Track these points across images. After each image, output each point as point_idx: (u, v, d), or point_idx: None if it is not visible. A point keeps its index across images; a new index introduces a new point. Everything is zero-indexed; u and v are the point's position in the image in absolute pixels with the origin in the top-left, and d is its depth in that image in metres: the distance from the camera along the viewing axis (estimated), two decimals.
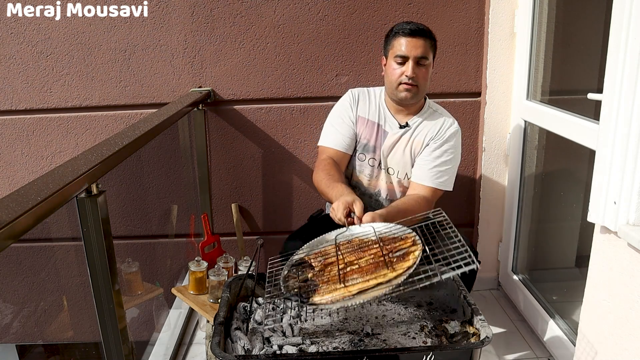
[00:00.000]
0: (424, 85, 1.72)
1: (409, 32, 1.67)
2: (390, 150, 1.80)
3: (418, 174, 1.76)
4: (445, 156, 1.75)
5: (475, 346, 1.24)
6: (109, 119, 2.35)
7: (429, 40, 1.69)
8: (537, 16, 2.07)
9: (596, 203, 1.31)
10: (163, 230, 2.57)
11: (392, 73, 1.71)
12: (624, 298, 1.28)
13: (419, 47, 1.66)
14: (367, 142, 1.81)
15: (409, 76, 1.67)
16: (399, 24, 1.71)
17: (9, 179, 2.44)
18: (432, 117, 1.80)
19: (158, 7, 2.21)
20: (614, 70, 1.22)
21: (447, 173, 1.75)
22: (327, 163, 1.74)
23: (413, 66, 1.67)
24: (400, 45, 1.68)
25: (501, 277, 2.49)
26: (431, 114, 1.81)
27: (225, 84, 2.30)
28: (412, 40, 1.66)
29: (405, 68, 1.68)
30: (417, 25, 1.69)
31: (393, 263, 1.19)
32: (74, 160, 1.15)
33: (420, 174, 1.75)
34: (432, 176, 1.73)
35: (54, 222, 1.80)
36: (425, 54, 1.67)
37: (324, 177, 1.68)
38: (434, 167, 1.74)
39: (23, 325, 2.47)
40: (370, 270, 1.20)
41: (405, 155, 1.79)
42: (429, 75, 1.72)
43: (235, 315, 1.43)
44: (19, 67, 2.28)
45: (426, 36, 1.68)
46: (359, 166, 1.84)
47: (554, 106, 1.96)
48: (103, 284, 1.19)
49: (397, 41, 1.69)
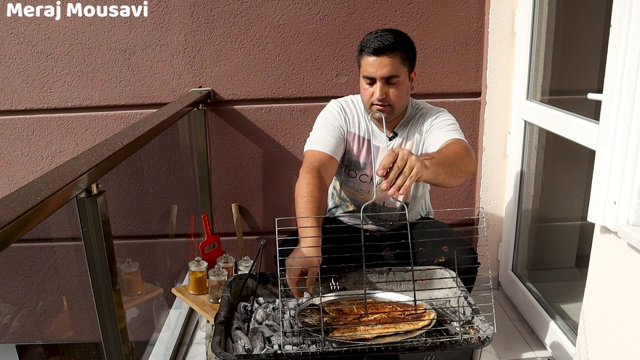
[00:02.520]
0: (399, 102, 1.60)
1: (372, 51, 1.53)
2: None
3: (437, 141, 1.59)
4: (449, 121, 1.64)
5: (476, 346, 1.25)
6: (109, 119, 2.35)
7: (399, 54, 1.54)
8: (537, 16, 2.07)
9: (596, 203, 1.31)
10: (163, 230, 2.57)
11: (363, 93, 1.61)
12: (624, 298, 1.28)
13: (384, 67, 1.52)
14: (358, 158, 1.73)
15: (378, 98, 1.56)
16: (367, 37, 1.57)
17: (9, 179, 2.44)
18: (419, 118, 1.71)
19: (158, 7, 2.21)
20: (614, 70, 1.22)
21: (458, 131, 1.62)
22: (312, 177, 1.54)
23: (381, 87, 1.55)
24: (367, 65, 1.55)
25: (501, 277, 2.49)
26: (416, 116, 1.72)
27: (225, 84, 2.30)
28: (377, 60, 1.53)
29: (374, 89, 1.57)
30: (383, 40, 1.52)
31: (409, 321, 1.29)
32: (74, 160, 1.15)
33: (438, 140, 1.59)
34: (451, 133, 1.59)
35: (54, 222, 1.80)
36: (393, 73, 1.53)
37: (304, 196, 1.50)
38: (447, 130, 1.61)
39: (23, 325, 2.47)
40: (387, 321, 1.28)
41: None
42: (403, 92, 1.59)
43: (235, 315, 1.43)
44: (19, 67, 2.28)
45: (394, 50, 1.53)
46: (351, 182, 1.77)
47: (554, 106, 1.96)
48: (103, 284, 1.19)
49: (364, 60, 1.57)
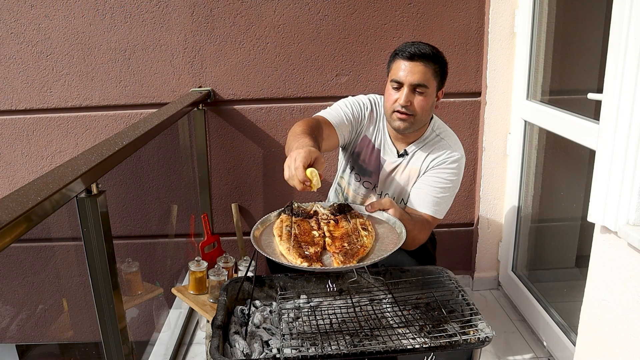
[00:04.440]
0: (423, 115, 1.56)
1: (407, 55, 1.50)
2: (387, 177, 1.71)
3: (416, 201, 1.64)
4: (443, 184, 1.62)
5: (475, 346, 1.24)
6: (109, 119, 2.35)
7: (432, 66, 1.51)
8: (537, 16, 2.07)
9: (596, 203, 1.31)
10: (163, 230, 2.57)
11: (387, 98, 1.58)
12: (624, 298, 1.28)
13: (416, 74, 1.50)
14: (365, 165, 1.72)
15: (402, 104, 1.52)
16: (404, 43, 1.55)
17: (9, 179, 2.44)
18: (434, 144, 1.66)
19: (158, 7, 2.21)
20: (614, 70, 1.22)
21: (443, 201, 1.63)
22: (313, 119, 1.53)
23: (407, 93, 1.51)
24: (398, 69, 1.53)
25: (501, 277, 2.49)
26: (433, 141, 1.66)
27: (225, 84, 2.30)
28: (410, 65, 1.50)
29: (399, 94, 1.53)
30: (420, 48, 1.51)
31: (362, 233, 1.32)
32: (74, 160, 1.15)
33: (417, 200, 1.64)
34: (429, 203, 1.61)
35: (54, 222, 1.80)
36: (423, 82, 1.50)
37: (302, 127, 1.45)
38: (431, 195, 1.62)
39: (23, 325, 2.47)
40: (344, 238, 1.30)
41: (402, 182, 1.69)
42: (428, 105, 1.55)
43: (233, 319, 1.43)
44: (19, 67, 2.28)
45: (429, 60, 1.51)
46: (354, 185, 1.77)
47: (554, 106, 1.96)
48: (103, 284, 1.19)
49: (396, 64, 1.54)
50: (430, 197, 1.62)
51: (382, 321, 1.38)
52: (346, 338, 1.29)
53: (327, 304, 1.47)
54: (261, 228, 1.40)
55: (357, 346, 1.23)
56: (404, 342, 1.26)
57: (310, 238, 1.31)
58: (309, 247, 1.25)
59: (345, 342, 1.27)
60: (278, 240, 1.30)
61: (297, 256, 1.21)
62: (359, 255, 1.22)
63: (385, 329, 1.33)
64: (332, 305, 1.45)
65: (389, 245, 1.29)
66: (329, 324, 1.36)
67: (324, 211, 1.45)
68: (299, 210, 1.44)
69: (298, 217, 1.41)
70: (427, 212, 1.62)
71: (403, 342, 1.25)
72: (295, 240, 1.28)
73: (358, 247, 1.25)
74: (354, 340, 1.29)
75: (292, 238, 1.29)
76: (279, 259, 1.22)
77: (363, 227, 1.35)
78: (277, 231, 1.34)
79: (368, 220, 1.40)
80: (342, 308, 1.43)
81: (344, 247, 1.25)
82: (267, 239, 1.34)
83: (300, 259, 1.20)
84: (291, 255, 1.22)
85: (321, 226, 1.38)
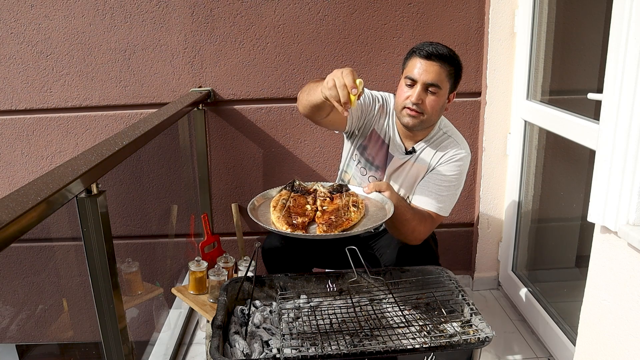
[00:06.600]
0: (433, 115, 1.58)
1: (424, 54, 1.53)
2: (393, 173, 1.72)
3: (420, 196, 1.66)
4: (448, 181, 1.64)
5: (475, 346, 1.25)
6: (109, 119, 2.35)
7: (448, 67, 1.54)
8: (537, 16, 2.07)
9: (596, 203, 1.31)
10: (163, 230, 2.57)
11: (399, 94, 1.60)
12: (624, 298, 1.28)
13: (430, 73, 1.52)
14: (372, 159, 1.74)
15: (413, 102, 1.54)
16: (422, 42, 1.58)
17: (9, 179, 2.44)
18: (441, 142, 1.68)
19: (158, 7, 2.21)
20: (614, 70, 1.22)
21: (447, 198, 1.65)
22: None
23: (419, 92, 1.53)
24: (413, 67, 1.55)
25: (501, 277, 2.49)
26: (441, 138, 1.69)
27: (225, 84, 2.30)
28: (426, 63, 1.52)
29: (412, 92, 1.55)
30: (438, 48, 1.54)
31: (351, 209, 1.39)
32: (74, 160, 1.15)
33: (421, 196, 1.66)
34: (432, 199, 1.63)
35: (54, 222, 1.80)
36: (436, 81, 1.53)
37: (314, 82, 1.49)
38: (434, 192, 1.64)
39: (23, 325, 2.47)
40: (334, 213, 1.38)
41: (408, 179, 1.71)
42: (439, 105, 1.57)
43: (233, 319, 1.43)
44: (19, 67, 2.28)
45: (445, 61, 1.53)
46: (359, 179, 1.78)
47: (554, 106, 1.96)
48: (103, 284, 1.19)
49: (412, 61, 1.56)
50: (433, 193, 1.64)
51: (382, 321, 1.38)
52: (346, 338, 1.29)
53: (327, 304, 1.47)
54: (262, 200, 1.49)
55: (357, 346, 1.23)
56: (404, 342, 1.26)
57: (302, 210, 1.40)
58: (298, 217, 1.35)
59: (345, 342, 1.27)
60: (272, 210, 1.39)
61: (284, 223, 1.30)
62: (343, 227, 1.31)
63: (385, 329, 1.33)
64: (332, 305, 1.45)
65: (376, 222, 1.36)
66: (329, 324, 1.36)
67: (323, 190, 1.53)
68: (299, 188, 1.52)
69: (297, 193, 1.48)
70: (431, 208, 1.63)
71: (403, 342, 1.25)
72: (286, 211, 1.37)
73: (344, 220, 1.33)
74: (354, 340, 1.29)
75: (284, 209, 1.38)
76: (270, 227, 1.31)
77: (354, 204, 1.42)
78: (273, 203, 1.44)
79: (361, 199, 1.47)
80: (342, 308, 1.43)
81: (331, 219, 1.34)
82: (264, 210, 1.44)
83: (285, 225, 1.29)
84: (279, 222, 1.31)
85: (316, 202, 1.45)
